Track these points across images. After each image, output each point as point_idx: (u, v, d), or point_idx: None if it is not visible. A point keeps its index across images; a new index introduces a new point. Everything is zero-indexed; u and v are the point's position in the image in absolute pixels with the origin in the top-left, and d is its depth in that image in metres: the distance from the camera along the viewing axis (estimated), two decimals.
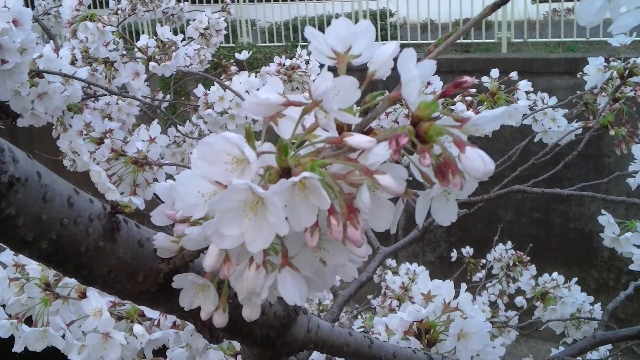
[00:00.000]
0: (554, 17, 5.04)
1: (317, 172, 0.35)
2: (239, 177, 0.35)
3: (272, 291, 0.38)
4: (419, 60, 0.35)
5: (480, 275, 2.34)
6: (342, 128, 0.38)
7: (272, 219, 0.34)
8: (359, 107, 0.39)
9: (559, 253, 4.12)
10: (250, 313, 0.43)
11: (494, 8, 0.39)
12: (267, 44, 5.76)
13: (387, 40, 5.04)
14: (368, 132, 0.38)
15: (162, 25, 1.56)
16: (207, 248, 0.38)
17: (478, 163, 0.34)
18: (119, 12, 2.00)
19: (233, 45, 5.45)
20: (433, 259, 4.50)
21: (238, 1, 5.73)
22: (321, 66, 0.38)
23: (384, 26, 5.44)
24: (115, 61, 1.46)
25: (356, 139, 0.36)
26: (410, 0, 5.42)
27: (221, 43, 2.09)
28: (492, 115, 0.35)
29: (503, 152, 1.72)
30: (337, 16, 0.40)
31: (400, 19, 5.62)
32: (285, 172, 0.36)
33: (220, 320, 0.44)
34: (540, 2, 5.10)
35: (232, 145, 0.35)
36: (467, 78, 0.35)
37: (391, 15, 5.76)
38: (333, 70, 0.37)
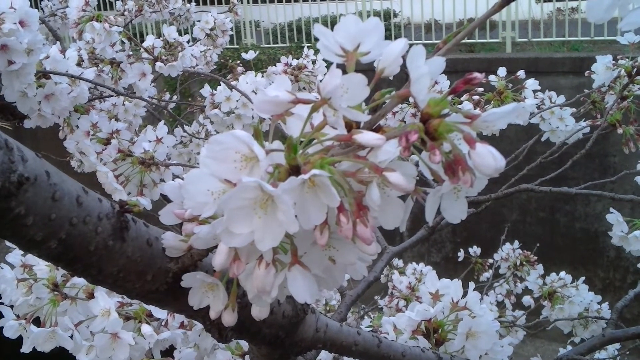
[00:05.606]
0: (558, 16, 5.03)
1: (327, 170, 0.35)
2: (248, 175, 0.35)
3: (282, 290, 0.38)
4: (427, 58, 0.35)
5: (487, 275, 2.33)
6: (351, 126, 0.38)
7: (282, 217, 0.34)
8: (367, 105, 0.39)
9: (565, 253, 4.10)
10: (259, 312, 0.43)
11: (502, 5, 0.39)
12: (271, 45, 5.76)
13: (391, 40, 5.04)
14: (377, 129, 0.38)
15: (169, 27, 1.56)
16: (216, 247, 0.38)
17: (489, 159, 0.33)
18: (126, 12, 2.00)
19: (237, 46, 5.45)
20: (438, 260, 4.48)
21: (242, 2, 5.73)
22: (329, 64, 0.38)
23: (388, 26, 5.44)
24: (122, 62, 1.46)
25: (365, 137, 0.35)
26: (414, 1, 5.42)
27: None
28: (502, 111, 0.34)
29: (508, 152, 1.71)
30: (342, 16, 0.40)
31: (405, 19, 5.61)
32: (295, 170, 0.36)
33: (230, 319, 0.44)
34: (545, 1, 5.08)
35: (242, 143, 0.35)
36: (476, 74, 0.35)
37: (395, 15, 5.75)
38: (342, 68, 0.37)
